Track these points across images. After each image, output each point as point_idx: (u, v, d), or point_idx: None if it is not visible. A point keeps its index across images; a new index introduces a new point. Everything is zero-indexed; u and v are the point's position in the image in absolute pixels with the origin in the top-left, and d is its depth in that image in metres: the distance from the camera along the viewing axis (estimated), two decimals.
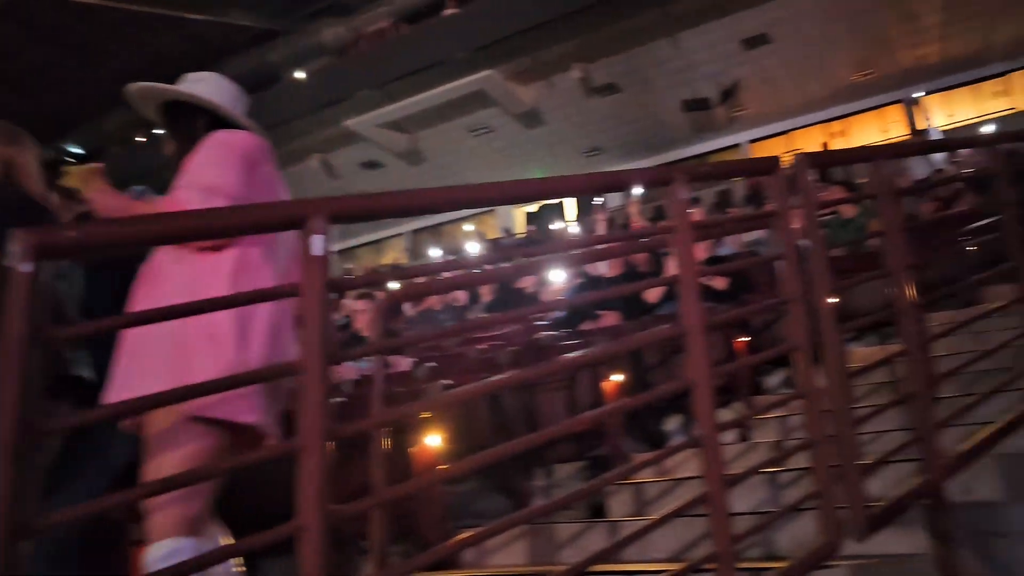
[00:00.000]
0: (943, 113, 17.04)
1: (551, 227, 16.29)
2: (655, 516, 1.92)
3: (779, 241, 2.21)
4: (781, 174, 2.20)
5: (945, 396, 3.34)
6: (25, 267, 1.11)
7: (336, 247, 21.30)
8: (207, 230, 1.43)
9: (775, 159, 2.28)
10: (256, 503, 2.01)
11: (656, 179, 1.95)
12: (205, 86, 2.18)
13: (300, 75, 18.07)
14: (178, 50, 17.39)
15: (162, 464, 1.77)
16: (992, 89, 16.99)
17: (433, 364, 4.21)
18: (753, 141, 18.42)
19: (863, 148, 2.44)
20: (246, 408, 1.76)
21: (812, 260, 2.26)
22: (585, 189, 1.90)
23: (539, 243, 11.20)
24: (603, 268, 5.88)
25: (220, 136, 1.99)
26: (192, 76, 2.23)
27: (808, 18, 14.21)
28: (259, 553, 2.67)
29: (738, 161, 4.21)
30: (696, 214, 9.07)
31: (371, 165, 18.94)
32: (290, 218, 1.40)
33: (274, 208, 1.42)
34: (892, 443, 2.56)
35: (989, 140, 3.28)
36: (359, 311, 5.52)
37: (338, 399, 3.54)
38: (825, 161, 2.49)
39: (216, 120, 2.12)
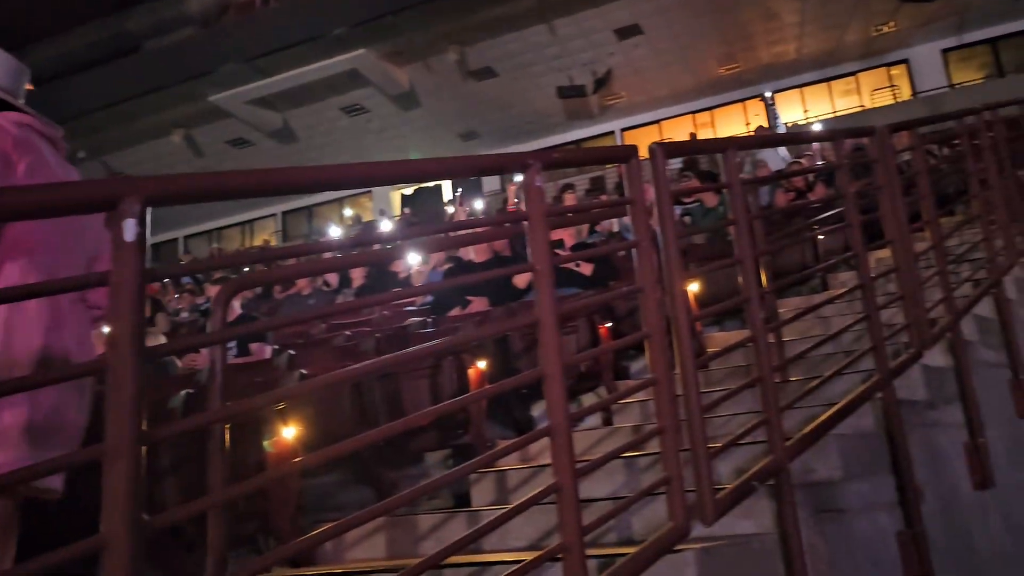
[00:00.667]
0: (799, 109, 18.00)
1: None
2: (512, 505, 1.90)
3: (635, 228, 2.22)
4: (637, 162, 2.21)
5: (793, 379, 3.51)
6: None
7: (204, 228, 20.21)
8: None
9: (633, 147, 2.29)
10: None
11: (512, 164, 1.90)
12: None
13: (160, 45, 17.06)
14: (26, 14, 16.03)
15: None
16: (843, 87, 18.10)
17: (292, 352, 4.05)
18: (625, 129, 18.89)
19: (714, 139, 2.49)
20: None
21: (665, 247, 2.29)
22: (438, 173, 1.83)
23: (410, 226, 11.06)
24: (472, 254, 5.85)
25: None
26: None
27: (677, 11, 14.65)
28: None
29: (595, 148, 4.24)
30: (569, 199, 9.18)
31: (240, 143, 18.18)
32: (99, 199, 1.26)
33: (80, 188, 1.27)
34: (745, 426, 2.64)
35: (832, 135, 3.44)
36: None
37: (188, 390, 3.34)
38: (679, 151, 2.52)
39: None
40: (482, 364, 3.23)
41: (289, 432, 2.80)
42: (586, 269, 4.96)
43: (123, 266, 1.24)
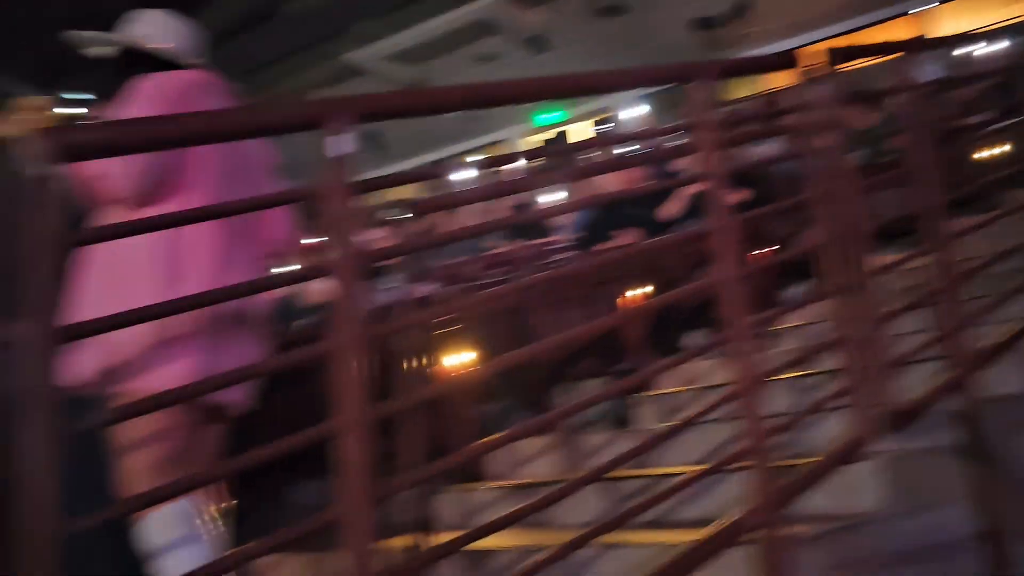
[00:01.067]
0: (951, 25, 16.55)
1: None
2: (683, 419, 1.94)
3: (809, 140, 2.16)
4: (807, 70, 2.15)
5: (968, 297, 3.32)
6: (47, 170, 1.09)
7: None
8: (218, 131, 1.40)
9: (797, 54, 2.23)
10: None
11: (677, 74, 1.90)
12: (150, 28, 2.06)
13: (295, 8, 17.66)
14: None
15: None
16: None
17: (455, 288, 4.22)
18: None
19: (890, 43, 2.38)
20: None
21: (836, 161, 2.22)
22: (608, 86, 1.86)
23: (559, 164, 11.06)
24: (615, 186, 5.77)
25: (147, 86, 1.86)
26: (139, 16, 2.09)
27: None
28: (286, 479, 2.73)
29: (763, 57, 4.15)
30: None
31: None
32: (308, 118, 1.38)
33: (294, 106, 1.39)
34: (918, 344, 2.56)
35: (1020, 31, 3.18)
36: (378, 240, 5.47)
37: None
38: (855, 55, 2.42)
39: (162, 63, 2.00)
40: (640, 291, 3.26)
41: (459, 359, 2.98)
42: (737, 197, 4.79)
43: (333, 179, 1.36)
